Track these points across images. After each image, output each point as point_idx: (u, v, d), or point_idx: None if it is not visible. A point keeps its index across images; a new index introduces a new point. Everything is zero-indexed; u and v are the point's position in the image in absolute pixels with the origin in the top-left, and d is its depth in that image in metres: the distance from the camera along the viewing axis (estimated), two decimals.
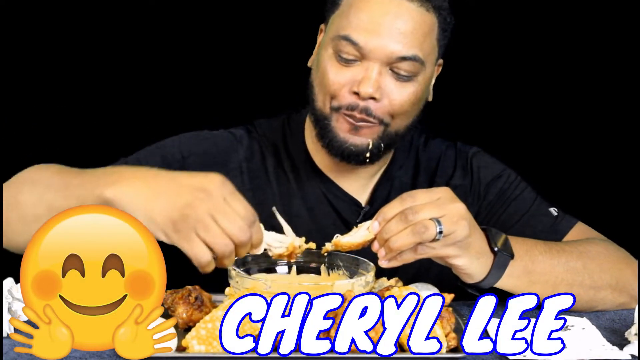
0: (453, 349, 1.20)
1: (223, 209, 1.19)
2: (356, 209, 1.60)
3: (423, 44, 1.48)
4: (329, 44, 1.50)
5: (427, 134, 1.69)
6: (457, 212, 1.29)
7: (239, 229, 1.19)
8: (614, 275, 1.45)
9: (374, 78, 1.46)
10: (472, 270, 1.33)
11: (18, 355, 1.17)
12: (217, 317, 1.17)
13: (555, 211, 1.61)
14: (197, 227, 1.18)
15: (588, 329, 1.30)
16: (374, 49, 1.45)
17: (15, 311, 1.23)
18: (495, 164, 1.67)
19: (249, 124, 1.66)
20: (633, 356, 1.21)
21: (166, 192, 1.21)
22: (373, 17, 1.46)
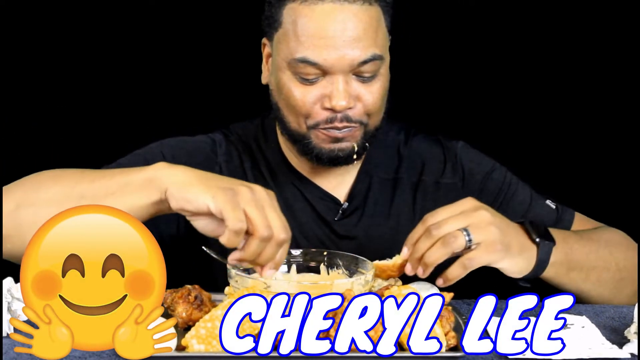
0: (453, 348, 1.20)
1: (272, 205, 1.22)
2: (335, 207, 1.60)
3: (377, 40, 1.47)
4: (285, 67, 1.48)
5: (407, 129, 1.68)
6: (483, 219, 1.30)
7: (281, 225, 1.21)
8: (633, 263, 1.49)
9: (342, 89, 1.45)
10: (519, 268, 1.34)
11: (18, 355, 1.17)
12: (216, 316, 1.17)
13: (552, 204, 1.62)
14: (247, 202, 1.19)
15: (587, 327, 1.30)
16: (334, 63, 1.44)
17: (15, 311, 1.23)
18: (484, 159, 1.67)
19: (224, 128, 1.66)
20: (632, 355, 1.21)
21: (222, 177, 1.27)
22: (322, 31, 1.43)
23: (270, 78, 1.54)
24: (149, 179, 1.25)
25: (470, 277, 1.46)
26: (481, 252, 1.29)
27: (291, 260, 1.38)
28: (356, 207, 1.60)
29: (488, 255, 1.29)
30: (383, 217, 1.61)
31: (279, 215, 1.23)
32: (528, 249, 1.35)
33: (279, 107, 1.53)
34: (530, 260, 1.35)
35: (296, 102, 1.48)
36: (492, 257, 1.30)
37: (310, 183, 1.60)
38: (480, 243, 1.29)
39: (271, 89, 1.55)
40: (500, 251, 1.30)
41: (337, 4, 1.44)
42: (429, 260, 1.29)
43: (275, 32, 1.50)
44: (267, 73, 1.56)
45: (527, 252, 1.34)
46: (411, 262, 1.31)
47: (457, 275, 1.29)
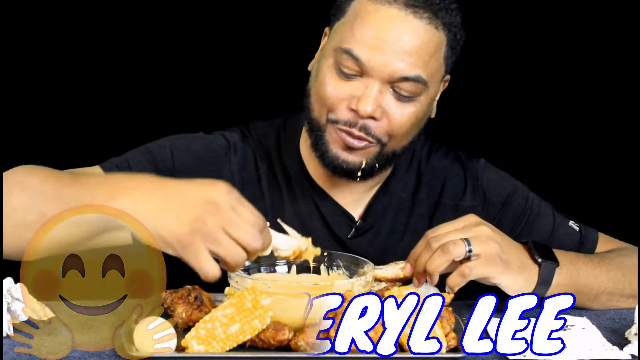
0: (453, 349, 1.19)
1: (234, 220, 1.15)
2: (349, 224, 1.56)
3: (428, 64, 1.43)
4: (331, 54, 1.45)
5: (430, 145, 1.63)
6: (484, 233, 1.30)
7: (251, 237, 1.16)
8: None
9: (374, 96, 1.41)
10: (517, 286, 1.32)
11: (17, 355, 1.17)
12: (216, 317, 1.17)
13: (576, 225, 1.59)
14: (208, 241, 1.14)
15: (588, 328, 1.30)
16: (376, 66, 1.40)
17: (14, 311, 1.23)
18: (505, 180, 1.62)
19: (244, 125, 1.62)
20: (633, 356, 1.21)
21: (172, 206, 1.16)
22: (378, 33, 1.40)
23: (315, 64, 1.51)
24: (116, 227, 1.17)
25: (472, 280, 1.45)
26: (480, 263, 1.29)
27: (291, 260, 1.37)
28: (371, 226, 1.57)
29: (487, 267, 1.29)
30: (398, 237, 1.57)
31: (245, 222, 1.16)
32: (529, 269, 1.33)
33: (310, 93, 1.49)
34: (531, 281, 1.33)
35: (325, 92, 1.44)
36: (490, 270, 1.29)
37: (327, 197, 1.55)
38: (480, 255, 1.29)
39: (311, 75, 1.51)
40: (499, 265, 1.29)
41: (403, 13, 1.41)
42: (430, 268, 1.29)
43: (337, 21, 1.48)
44: (315, 60, 1.52)
45: (527, 272, 1.33)
46: (416, 276, 1.32)
47: (456, 283, 1.29)
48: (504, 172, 1.64)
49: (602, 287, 1.41)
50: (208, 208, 1.14)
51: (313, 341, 1.17)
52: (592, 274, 1.41)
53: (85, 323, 1.30)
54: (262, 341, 1.19)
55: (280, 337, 1.19)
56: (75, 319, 1.32)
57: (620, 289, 1.43)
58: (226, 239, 1.15)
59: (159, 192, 1.17)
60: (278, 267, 1.37)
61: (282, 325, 1.19)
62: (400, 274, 1.33)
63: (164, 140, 1.55)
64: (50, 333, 1.25)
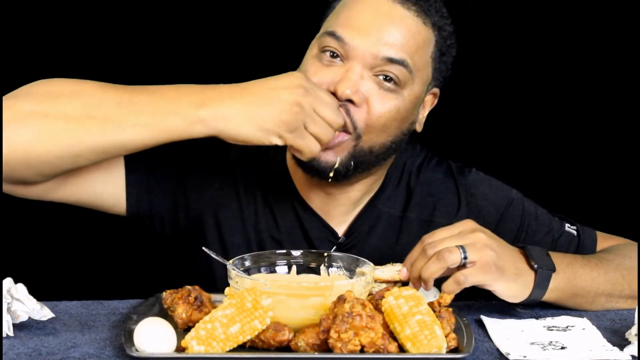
0: (453, 350, 1.19)
1: (319, 99, 1.32)
2: (331, 239, 1.50)
3: (414, 55, 1.40)
4: (315, 44, 1.43)
5: (422, 157, 1.58)
6: (480, 240, 1.29)
7: (335, 114, 1.33)
8: None
9: (354, 79, 1.37)
10: (513, 293, 1.31)
11: (17, 355, 1.17)
12: (216, 317, 1.17)
13: (572, 229, 1.57)
14: (307, 122, 1.30)
15: (588, 329, 1.30)
16: (358, 47, 1.37)
17: (15, 311, 1.23)
18: (499, 192, 1.58)
19: None
20: (633, 357, 1.20)
21: (268, 99, 1.30)
22: (363, 17, 1.39)
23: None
24: (200, 120, 1.28)
25: None
26: (475, 270, 1.28)
27: (291, 261, 1.37)
28: (354, 244, 1.51)
29: (482, 275, 1.28)
30: (384, 256, 1.46)
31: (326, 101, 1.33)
32: (525, 275, 1.32)
33: None
34: (526, 287, 1.32)
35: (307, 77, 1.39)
36: (485, 278, 1.28)
37: (309, 209, 1.50)
38: (475, 262, 1.28)
39: None
40: (495, 273, 1.29)
41: (391, 2, 1.40)
42: (424, 275, 1.28)
43: (325, 19, 1.46)
44: None
45: (523, 278, 1.32)
46: (412, 281, 1.31)
47: (451, 290, 1.28)
48: (498, 182, 1.59)
49: (600, 290, 1.40)
50: (299, 91, 1.30)
51: (313, 341, 1.17)
52: (590, 277, 1.39)
53: (85, 323, 1.31)
54: (262, 342, 1.19)
55: (281, 338, 1.19)
56: (76, 318, 1.33)
57: (619, 290, 1.42)
58: (318, 118, 1.31)
59: (244, 94, 1.31)
60: (278, 268, 1.37)
61: (282, 326, 1.19)
62: (396, 277, 1.33)
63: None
64: (50, 333, 1.25)
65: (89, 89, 1.32)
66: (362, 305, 1.17)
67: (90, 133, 1.28)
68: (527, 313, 1.38)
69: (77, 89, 1.31)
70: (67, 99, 1.29)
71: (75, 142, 1.27)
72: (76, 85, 1.33)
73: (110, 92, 1.31)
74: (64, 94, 1.30)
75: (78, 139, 1.27)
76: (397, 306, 1.19)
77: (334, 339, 1.15)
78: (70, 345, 1.21)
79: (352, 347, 1.15)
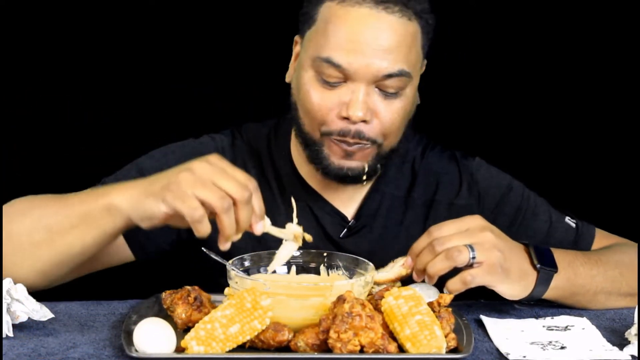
0: (453, 350, 1.19)
1: (221, 171, 1.21)
2: (341, 223, 1.53)
3: (408, 57, 1.41)
4: (309, 65, 1.43)
5: (425, 144, 1.62)
6: (488, 240, 1.29)
7: (236, 186, 1.20)
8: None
9: (362, 100, 1.39)
10: (514, 293, 1.32)
11: (17, 355, 1.17)
12: (216, 317, 1.17)
13: (572, 222, 1.58)
14: (194, 187, 1.19)
15: (588, 329, 1.30)
16: (358, 69, 1.38)
17: (14, 312, 1.23)
18: (500, 177, 1.61)
19: (237, 127, 1.61)
20: (633, 356, 1.20)
21: (154, 179, 1.26)
22: (353, 35, 1.39)
23: (294, 76, 1.49)
24: (107, 208, 1.27)
25: None
26: (482, 271, 1.28)
27: (291, 261, 1.37)
28: (364, 225, 1.55)
29: (489, 275, 1.28)
30: (392, 236, 1.55)
31: (231, 175, 1.21)
32: (528, 276, 1.33)
33: (296, 106, 1.48)
34: (527, 287, 1.33)
35: (312, 105, 1.42)
36: (491, 279, 1.29)
37: (320, 198, 1.54)
38: (483, 263, 1.28)
39: (292, 87, 1.50)
40: (500, 274, 1.29)
41: (374, 11, 1.39)
42: (431, 271, 1.28)
43: (308, 29, 1.46)
44: (292, 71, 1.51)
45: (526, 280, 1.32)
46: (416, 272, 1.31)
47: (457, 289, 1.28)
48: (499, 170, 1.63)
49: (599, 288, 1.40)
50: (197, 163, 1.22)
51: (312, 342, 1.17)
52: (590, 275, 1.40)
53: (85, 323, 1.31)
54: (261, 342, 1.19)
55: (280, 338, 1.19)
56: (75, 319, 1.32)
57: (618, 287, 1.42)
58: (210, 184, 1.20)
59: (144, 181, 1.27)
60: (278, 268, 1.37)
61: (281, 326, 1.19)
62: (402, 272, 1.32)
63: (153, 152, 1.56)
64: (49, 333, 1.25)
65: (34, 204, 1.36)
66: (362, 305, 1.17)
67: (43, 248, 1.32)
68: (527, 313, 1.38)
69: (26, 207, 1.36)
70: (18, 219, 1.34)
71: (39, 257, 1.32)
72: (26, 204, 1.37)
73: (49, 204, 1.35)
74: (16, 214, 1.35)
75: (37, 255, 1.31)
76: (397, 306, 1.19)
77: (333, 339, 1.15)
78: (70, 345, 1.21)
79: (351, 347, 1.15)
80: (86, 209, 1.29)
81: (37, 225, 1.32)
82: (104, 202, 1.27)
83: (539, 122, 2.37)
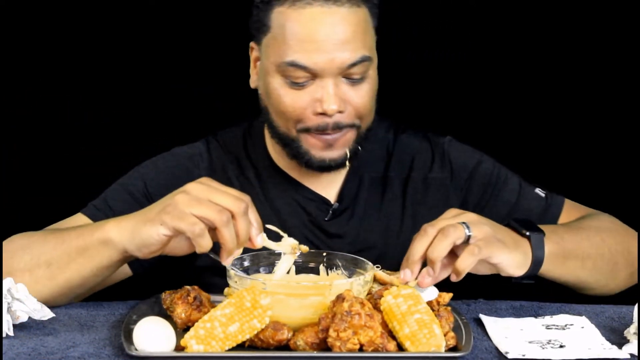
0: (452, 349, 1.20)
1: (214, 189, 1.25)
2: (325, 207, 1.58)
3: (365, 42, 1.47)
4: (275, 71, 1.47)
5: (396, 127, 1.68)
6: (474, 218, 1.31)
7: (232, 199, 1.23)
8: (626, 246, 1.49)
9: (333, 93, 1.44)
10: (518, 262, 1.32)
11: (17, 355, 1.17)
12: (215, 316, 1.17)
13: (541, 192, 1.62)
14: (191, 205, 1.22)
15: (587, 327, 1.30)
16: (323, 66, 1.44)
17: (15, 311, 1.23)
18: (472, 152, 1.66)
19: (211, 135, 1.65)
20: (632, 355, 1.21)
21: (159, 201, 1.29)
22: (311, 35, 1.44)
23: (259, 82, 1.54)
24: (104, 242, 1.31)
25: (470, 278, 1.45)
26: (483, 242, 1.28)
27: None
28: (346, 207, 1.59)
29: (490, 246, 1.29)
30: (374, 215, 1.60)
31: (225, 192, 1.25)
32: (522, 244, 1.34)
33: (268, 111, 1.52)
34: (527, 255, 1.34)
35: (286, 107, 1.47)
36: (493, 250, 1.29)
37: (300, 185, 1.59)
38: (478, 237, 1.29)
39: (260, 93, 1.54)
40: (498, 244, 1.30)
41: (326, 8, 1.44)
42: (432, 255, 1.27)
43: (263, 36, 1.50)
44: (255, 77, 1.55)
45: (522, 247, 1.34)
46: (410, 263, 1.28)
47: (468, 264, 1.26)
48: (471, 147, 1.67)
49: (586, 253, 1.43)
50: (192, 185, 1.26)
51: (312, 340, 1.18)
52: (575, 240, 1.43)
53: (85, 323, 1.31)
54: (261, 341, 1.19)
55: (280, 337, 1.19)
56: (75, 319, 1.33)
57: (602, 253, 1.45)
58: (206, 201, 1.23)
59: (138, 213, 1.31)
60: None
61: (281, 325, 1.19)
62: (395, 281, 1.29)
63: (133, 171, 1.60)
64: (49, 333, 1.26)
65: (33, 240, 1.40)
66: (361, 304, 1.17)
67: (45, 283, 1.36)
68: (526, 312, 1.38)
69: (26, 243, 1.40)
70: (20, 253, 1.38)
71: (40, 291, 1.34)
72: (26, 239, 1.41)
73: (47, 239, 1.39)
74: (17, 250, 1.39)
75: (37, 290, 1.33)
76: (396, 305, 1.19)
77: (333, 337, 1.15)
78: (70, 345, 1.21)
79: (351, 346, 1.15)
80: (82, 243, 1.34)
81: (37, 262, 1.36)
82: (99, 236, 1.32)
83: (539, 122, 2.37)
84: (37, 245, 1.38)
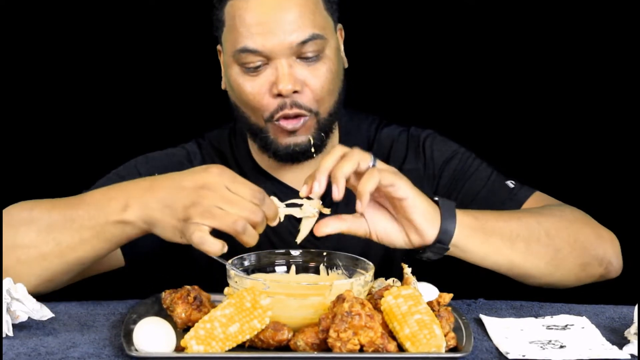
0: (452, 349, 1.20)
1: (228, 198, 1.22)
2: None
3: (315, 21, 1.49)
4: (232, 62, 1.51)
5: (379, 122, 1.69)
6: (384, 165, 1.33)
7: (249, 211, 1.22)
8: (572, 234, 1.44)
9: (287, 73, 1.47)
10: (423, 207, 1.31)
11: (17, 355, 1.17)
12: (215, 317, 1.17)
13: (512, 183, 1.61)
14: (204, 219, 1.21)
15: (587, 328, 1.30)
16: (273, 47, 1.47)
17: (14, 311, 1.23)
18: (448, 144, 1.67)
19: (200, 136, 1.68)
20: (633, 355, 1.20)
21: (170, 199, 1.25)
22: (258, 18, 1.47)
23: (225, 80, 1.57)
24: (121, 223, 1.28)
25: (470, 278, 1.46)
26: (387, 171, 1.29)
27: (291, 260, 1.38)
28: (329, 205, 1.56)
29: (394, 175, 1.29)
30: (352, 208, 1.56)
31: (241, 198, 1.23)
32: (430, 201, 1.33)
33: (237, 105, 1.55)
34: (435, 211, 1.32)
35: (247, 95, 1.50)
36: (396, 179, 1.28)
37: (282, 184, 1.61)
38: (383, 168, 1.30)
39: (228, 91, 1.57)
40: (404, 179, 1.30)
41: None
42: (336, 172, 1.27)
43: (222, 32, 1.54)
44: (224, 78, 1.58)
45: (428, 201, 1.32)
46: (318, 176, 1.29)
47: (368, 187, 1.26)
48: (450, 140, 1.68)
49: (514, 232, 1.39)
50: (201, 193, 1.22)
51: (312, 341, 1.18)
52: (502, 218, 1.40)
53: (85, 323, 1.31)
54: (261, 341, 1.19)
55: (280, 337, 1.19)
56: (75, 319, 1.33)
57: (536, 235, 1.40)
58: (220, 212, 1.21)
59: (158, 187, 1.27)
60: (277, 267, 1.38)
61: (281, 325, 1.19)
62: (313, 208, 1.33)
63: (128, 162, 1.61)
64: (49, 333, 1.26)
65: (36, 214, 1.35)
66: (361, 304, 1.17)
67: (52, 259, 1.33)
68: (527, 312, 1.38)
69: (29, 217, 1.35)
70: (24, 228, 1.34)
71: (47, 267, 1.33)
72: (28, 212, 1.36)
73: (53, 217, 1.34)
74: (20, 222, 1.34)
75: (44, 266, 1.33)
76: (396, 305, 1.19)
77: (333, 338, 1.15)
78: (70, 345, 1.21)
79: (351, 346, 1.15)
80: (96, 224, 1.30)
81: (45, 238, 1.32)
82: (116, 218, 1.28)
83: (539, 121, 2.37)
84: (42, 218, 1.34)
